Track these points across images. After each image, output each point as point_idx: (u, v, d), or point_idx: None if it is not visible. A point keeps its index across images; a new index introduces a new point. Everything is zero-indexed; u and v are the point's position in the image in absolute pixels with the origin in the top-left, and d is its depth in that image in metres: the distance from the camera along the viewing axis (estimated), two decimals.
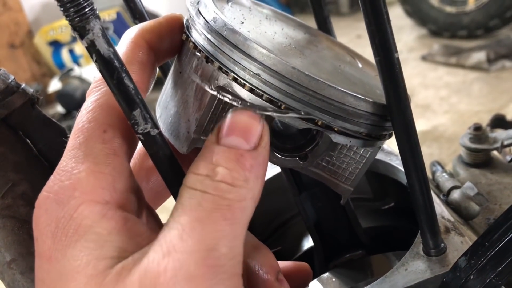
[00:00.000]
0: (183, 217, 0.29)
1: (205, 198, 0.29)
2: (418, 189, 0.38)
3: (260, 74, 0.34)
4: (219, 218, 0.29)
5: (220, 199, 0.29)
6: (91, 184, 0.30)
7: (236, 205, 0.30)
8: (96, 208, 0.30)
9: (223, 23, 0.35)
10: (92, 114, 0.33)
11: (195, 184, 0.30)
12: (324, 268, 0.52)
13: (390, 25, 0.32)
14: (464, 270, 0.38)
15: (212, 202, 0.29)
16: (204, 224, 0.28)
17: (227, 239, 0.29)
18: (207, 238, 0.28)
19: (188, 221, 0.29)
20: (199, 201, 0.29)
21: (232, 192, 0.30)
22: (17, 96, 0.41)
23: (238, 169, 0.31)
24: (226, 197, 0.30)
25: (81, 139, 0.32)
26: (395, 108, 0.35)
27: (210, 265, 0.27)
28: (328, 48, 0.47)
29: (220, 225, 0.29)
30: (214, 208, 0.29)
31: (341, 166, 0.41)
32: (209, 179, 0.30)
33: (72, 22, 0.29)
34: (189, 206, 0.29)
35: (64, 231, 0.29)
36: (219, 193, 0.30)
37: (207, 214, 0.29)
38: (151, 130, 0.33)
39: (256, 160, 0.31)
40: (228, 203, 0.29)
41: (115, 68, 0.31)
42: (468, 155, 0.65)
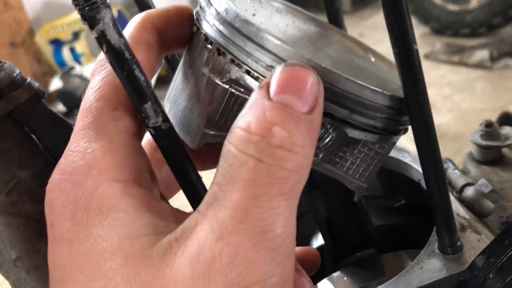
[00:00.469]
0: (235, 193, 0.26)
1: (261, 169, 0.26)
2: (435, 185, 0.37)
3: (274, 67, 0.33)
4: (276, 194, 0.26)
5: (278, 170, 0.26)
6: (109, 162, 0.28)
7: (293, 176, 0.27)
8: (118, 186, 0.28)
9: (236, 14, 0.34)
10: (99, 92, 0.31)
11: (247, 146, 0.27)
12: (334, 266, 0.51)
13: (409, 15, 0.31)
14: (483, 269, 0.37)
15: (268, 174, 0.26)
16: (260, 201, 0.26)
17: (283, 217, 0.26)
18: (263, 218, 0.25)
19: (241, 199, 0.26)
20: (253, 173, 0.26)
21: (290, 160, 0.27)
22: (22, 90, 0.40)
23: (297, 132, 0.27)
24: (284, 167, 0.26)
25: (90, 118, 0.30)
26: (413, 102, 0.34)
27: (267, 247, 0.25)
28: (340, 41, 0.46)
29: (277, 201, 0.26)
30: (271, 182, 0.26)
31: (355, 162, 0.40)
32: (265, 142, 0.26)
33: (82, 11, 0.28)
34: (241, 179, 0.26)
35: (85, 212, 0.27)
36: (277, 162, 0.26)
37: (263, 190, 0.26)
38: (162, 124, 0.32)
39: (312, 125, 0.28)
40: (285, 175, 0.26)
41: (126, 60, 0.30)
42: (479, 152, 0.64)
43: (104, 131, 0.29)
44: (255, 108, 0.28)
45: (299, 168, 0.27)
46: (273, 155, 0.26)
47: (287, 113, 0.27)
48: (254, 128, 0.27)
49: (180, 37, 0.38)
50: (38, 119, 0.41)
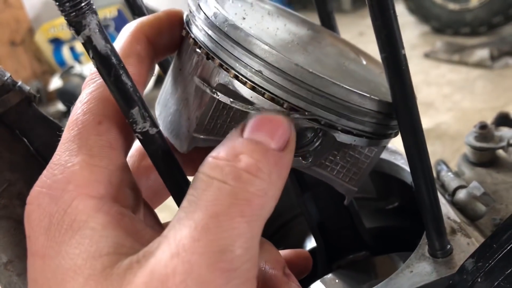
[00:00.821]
0: (197, 213, 0.26)
1: (223, 190, 0.27)
2: (424, 189, 0.37)
3: (262, 71, 0.33)
4: (237, 215, 0.26)
5: (240, 192, 0.27)
6: (86, 177, 0.29)
7: (257, 200, 0.27)
8: (91, 202, 0.28)
9: (224, 18, 0.34)
10: (87, 106, 0.31)
11: (213, 170, 0.28)
12: (327, 269, 0.51)
13: (396, 20, 0.31)
14: (471, 273, 0.37)
15: (230, 195, 0.27)
16: (220, 221, 0.26)
17: (243, 239, 0.26)
18: (221, 238, 0.26)
19: (201, 218, 0.26)
20: (216, 194, 0.27)
21: (254, 184, 0.27)
22: (13, 94, 0.40)
23: (264, 161, 0.28)
24: (247, 189, 0.27)
25: (75, 131, 0.30)
26: (402, 106, 0.34)
27: (223, 268, 0.25)
28: (331, 44, 0.46)
29: (237, 222, 0.26)
30: (232, 203, 0.26)
31: (345, 165, 0.40)
32: (231, 166, 0.28)
33: (68, 17, 0.28)
34: (204, 200, 0.27)
35: (58, 227, 0.28)
36: (240, 184, 0.27)
37: (224, 210, 0.26)
38: (149, 129, 0.32)
39: (281, 160, 0.29)
40: (248, 197, 0.27)
41: (113, 65, 0.30)
42: (473, 154, 0.64)
43: (86, 145, 0.30)
44: (227, 143, 0.29)
45: (263, 193, 0.27)
46: (237, 178, 0.27)
47: (257, 146, 0.29)
48: (222, 154, 0.28)
49: (172, 42, 0.38)
50: (29, 122, 0.41)
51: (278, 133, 0.30)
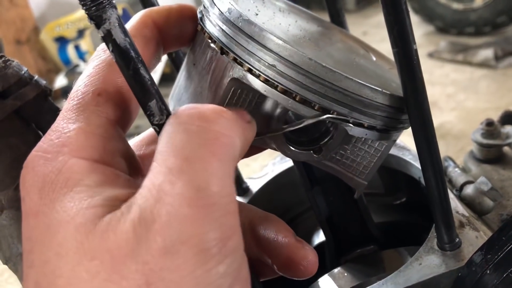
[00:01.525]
0: (170, 159, 0.27)
1: (190, 131, 0.28)
2: (434, 183, 0.38)
3: (276, 65, 0.34)
4: (207, 154, 0.27)
5: (206, 131, 0.28)
6: (81, 142, 0.29)
7: (224, 139, 0.28)
8: (86, 163, 0.29)
9: (239, 14, 0.35)
10: (88, 78, 0.33)
11: (178, 117, 0.29)
12: (335, 262, 0.52)
13: (408, 15, 0.32)
14: (480, 265, 0.38)
15: (198, 135, 0.28)
16: (192, 162, 0.27)
17: (217, 176, 0.27)
18: (196, 178, 0.27)
19: (174, 162, 0.27)
20: (184, 137, 0.28)
21: (219, 123, 0.29)
22: (30, 88, 0.41)
23: (224, 109, 0.30)
24: (213, 128, 0.28)
25: (75, 101, 0.32)
26: (413, 101, 0.35)
27: (202, 204, 0.26)
28: (342, 41, 0.46)
29: (209, 162, 0.27)
30: (201, 143, 0.28)
31: (356, 159, 0.40)
32: (195, 109, 0.29)
33: (89, 11, 0.29)
34: (173, 145, 0.28)
35: (52, 186, 0.28)
36: (206, 124, 0.28)
37: (194, 151, 0.27)
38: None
39: (241, 121, 0.31)
40: (215, 136, 0.28)
41: (131, 58, 0.30)
42: (480, 151, 0.65)
43: (84, 113, 0.31)
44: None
45: (229, 130, 0.29)
46: (202, 118, 0.29)
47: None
48: (189, 106, 0.30)
49: (183, 35, 0.39)
50: (45, 116, 0.42)
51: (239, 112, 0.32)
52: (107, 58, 0.33)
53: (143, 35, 0.36)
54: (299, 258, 0.38)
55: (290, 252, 0.38)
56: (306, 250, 0.38)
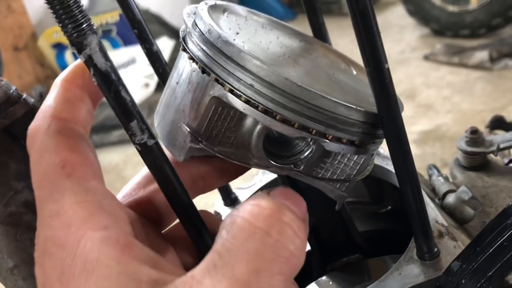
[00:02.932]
0: (238, 265, 0.26)
1: (267, 243, 0.27)
2: (411, 195, 0.39)
3: (254, 85, 0.35)
4: (277, 272, 0.26)
5: (282, 248, 0.27)
6: (81, 215, 0.28)
7: (294, 260, 0.27)
8: (98, 237, 0.28)
9: (218, 35, 0.36)
10: (43, 153, 0.32)
11: (258, 219, 0.27)
12: (321, 271, 0.53)
13: (379, 36, 0.33)
14: (457, 274, 0.39)
15: (274, 250, 0.27)
16: (260, 277, 0.26)
17: None
18: None
19: (243, 272, 0.26)
20: (259, 247, 0.26)
21: (295, 243, 0.27)
22: (18, 106, 0.42)
23: (302, 223, 0.29)
24: (288, 247, 0.27)
25: (47, 183, 0.30)
26: (387, 117, 0.36)
27: None
28: (323, 56, 0.47)
29: (277, 279, 0.26)
30: (275, 260, 0.26)
31: (336, 172, 0.42)
32: (277, 219, 0.28)
33: (70, 37, 0.30)
34: (246, 252, 0.26)
35: (71, 271, 0.27)
36: (284, 239, 0.27)
37: (266, 266, 0.26)
38: (147, 141, 0.34)
39: (306, 230, 0.30)
40: (288, 256, 0.27)
41: (112, 81, 0.32)
42: (464, 158, 0.66)
43: (65, 189, 0.30)
44: (260, 197, 0.29)
45: (301, 253, 0.28)
46: (281, 232, 0.27)
47: (289, 207, 0.29)
48: (265, 203, 0.28)
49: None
50: None
51: (302, 208, 0.31)
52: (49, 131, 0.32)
53: (70, 100, 0.35)
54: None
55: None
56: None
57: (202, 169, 0.41)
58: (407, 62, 3.41)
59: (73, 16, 0.30)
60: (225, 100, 0.36)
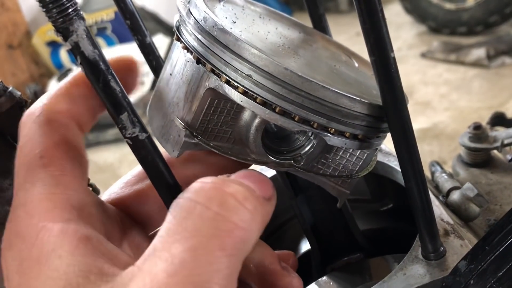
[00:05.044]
0: (174, 245, 0.25)
1: (205, 217, 0.26)
2: (416, 191, 0.37)
3: (252, 75, 0.33)
4: (216, 248, 0.25)
5: (222, 221, 0.26)
6: (45, 206, 0.29)
7: (239, 232, 0.26)
8: (56, 229, 0.28)
9: (214, 23, 0.34)
10: (27, 140, 0.32)
11: (198, 193, 0.27)
12: (321, 271, 0.51)
13: (385, 23, 0.31)
14: (464, 275, 0.37)
15: (212, 224, 0.26)
16: (198, 255, 0.25)
17: (220, 275, 0.25)
18: (198, 274, 0.24)
19: (179, 251, 0.25)
20: (197, 223, 0.26)
21: (239, 213, 0.26)
22: (4, 100, 0.40)
23: (252, 195, 0.28)
24: (230, 218, 0.26)
25: (23, 171, 0.31)
26: (392, 109, 0.34)
27: None
28: (323, 47, 0.46)
29: (216, 257, 0.25)
30: (213, 234, 0.25)
31: (337, 168, 0.40)
32: (218, 190, 0.27)
33: (55, 23, 0.28)
34: (184, 230, 0.26)
35: (28, 263, 0.27)
36: (224, 211, 0.26)
37: (204, 243, 0.25)
38: (139, 134, 0.32)
39: (265, 204, 0.29)
40: (230, 228, 0.26)
41: (101, 71, 0.30)
42: (467, 155, 0.64)
43: (38, 179, 0.30)
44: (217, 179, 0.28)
45: (248, 225, 0.27)
46: (222, 203, 0.26)
47: (242, 183, 0.28)
48: (211, 179, 0.27)
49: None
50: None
51: (263, 186, 0.30)
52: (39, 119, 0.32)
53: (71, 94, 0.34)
54: (284, 285, 0.37)
55: (275, 279, 0.37)
56: (291, 278, 0.37)
57: (197, 169, 0.39)
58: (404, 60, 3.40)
59: (58, 0, 0.28)
60: (222, 92, 0.34)
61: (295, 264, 0.45)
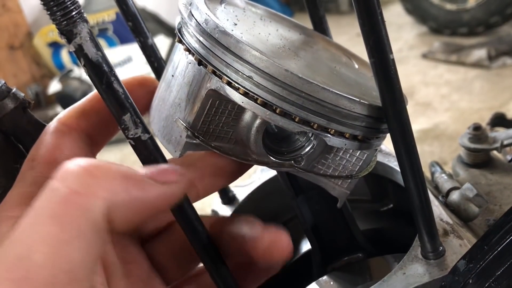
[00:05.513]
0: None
1: (48, 191, 0.26)
2: (415, 192, 0.38)
3: (252, 77, 0.33)
4: (45, 215, 0.24)
5: (56, 190, 0.25)
6: (15, 201, 0.31)
7: (74, 198, 0.24)
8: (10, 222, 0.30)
9: (215, 25, 0.34)
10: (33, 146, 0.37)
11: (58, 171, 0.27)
12: (322, 271, 0.52)
13: (384, 25, 0.31)
14: (463, 274, 0.38)
15: (49, 195, 0.25)
16: (27, 224, 0.24)
17: (46, 244, 0.23)
18: (21, 243, 0.23)
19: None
20: (42, 196, 0.25)
21: (73, 180, 0.25)
22: (7, 100, 0.40)
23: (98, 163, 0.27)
24: (63, 185, 0.25)
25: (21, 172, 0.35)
26: (391, 110, 0.34)
27: (16, 278, 0.22)
28: (323, 49, 0.46)
29: (42, 225, 0.23)
30: (45, 203, 0.24)
31: (337, 169, 0.40)
32: (65, 164, 0.27)
33: (59, 26, 0.29)
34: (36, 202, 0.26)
35: None
36: (59, 182, 0.25)
37: (38, 211, 0.24)
38: (141, 135, 0.32)
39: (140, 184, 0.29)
40: (62, 194, 0.24)
41: (104, 72, 0.30)
42: (467, 155, 0.64)
43: (22, 179, 0.34)
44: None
45: (88, 187, 0.25)
46: (60, 177, 0.26)
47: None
48: (77, 161, 0.27)
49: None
50: (24, 128, 0.42)
51: (161, 171, 0.30)
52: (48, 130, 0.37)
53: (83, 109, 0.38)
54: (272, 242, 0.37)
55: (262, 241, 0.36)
56: (276, 233, 0.37)
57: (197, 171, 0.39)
58: (405, 61, 3.40)
59: (62, 3, 0.28)
60: (223, 93, 0.35)
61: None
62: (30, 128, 0.42)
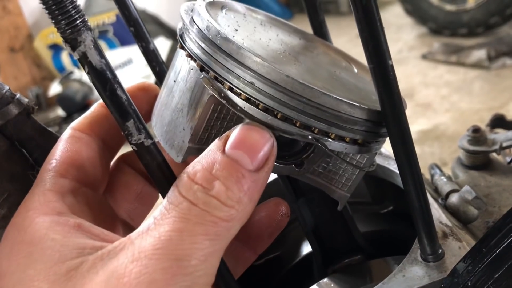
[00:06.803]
0: (164, 226, 0.29)
1: (193, 210, 0.29)
2: (415, 195, 0.38)
3: (254, 83, 0.34)
4: (200, 232, 0.29)
5: (207, 215, 0.29)
6: (40, 201, 0.33)
7: (222, 224, 0.30)
8: (48, 219, 0.31)
9: (217, 31, 0.35)
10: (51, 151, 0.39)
11: (187, 191, 0.30)
12: (323, 273, 0.52)
13: (383, 31, 0.32)
14: (462, 276, 0.38)
15: (198, 216, 0.29)
16: (183, 235, 0.28)
17: (201, 252, 0.29)
18: (181, 249, 0.28)
19: (167, 230, 0.29)
20: (185, 212, 0.29)
21: (222, 211, 0.30)
22: (12, 106, 0.41)
23: (235, 189, 0.31)
24: (214, 214, 0.30)
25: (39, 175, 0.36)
26: (390, 115, 0.35)
27: (175, 272, 0.28)
28: (323, 53, 0.46)
29: (200, 239, 0.29)
30: (198, 223, 0.29)
31: (338, 172, 0.41)
32: (203, 191, 0.30)
33: (64, 34, 0.29)
34: (174, 215, 0.29)
35: (19, 247, 0.30)
36: (208, 209, 0.30)
37: (189, 227, 0.29)
38: (144, 141, 0.33)
39: (255, 183, 0.31)
40: (214, 220, 0.29)
41: (108, 80, 0.31)
42: (467, 157, 0.65)
43: (41, 180, 0.35)
44: (207, 158, 0.32)
45: (230, 218, 0.30)
46: (207, 204, 0.30)
47: (232, 169, 0.31)
48: (198, 178, 0.31)
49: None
50: (28, 133, 0.42)
51: (258, 152, 0.32)
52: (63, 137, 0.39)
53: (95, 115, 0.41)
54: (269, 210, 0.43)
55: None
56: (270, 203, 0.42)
57: None
58: (405, 62, 3.41)
59: (66, 12, 0.29)
60: (225, 99, 0.35)
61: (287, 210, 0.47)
62: (34, 134, 0.42)
